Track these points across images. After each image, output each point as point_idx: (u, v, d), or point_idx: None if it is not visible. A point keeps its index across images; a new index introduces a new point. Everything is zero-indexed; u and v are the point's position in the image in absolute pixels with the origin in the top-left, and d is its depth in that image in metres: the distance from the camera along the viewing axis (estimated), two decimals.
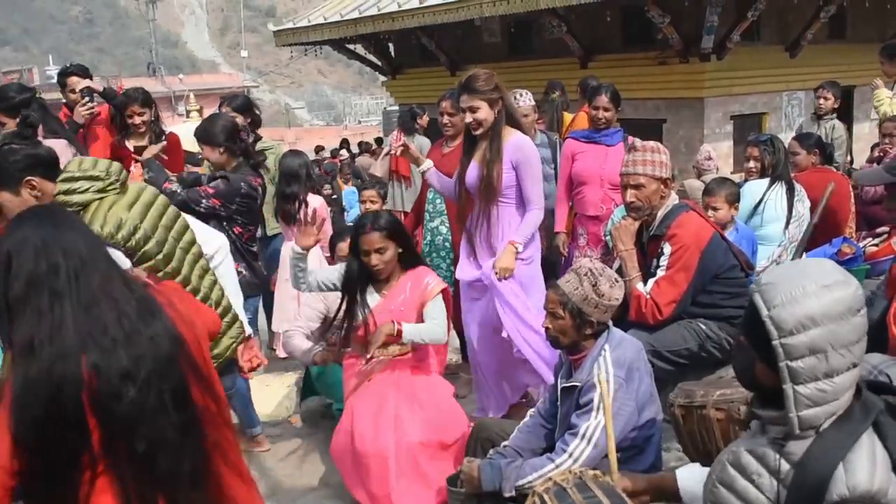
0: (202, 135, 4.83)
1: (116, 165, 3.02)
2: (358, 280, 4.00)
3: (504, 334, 4.45)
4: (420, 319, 4.02)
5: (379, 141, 18.60)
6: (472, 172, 4.47)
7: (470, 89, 4.32)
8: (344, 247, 4.61)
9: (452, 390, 4.19)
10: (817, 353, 1.91)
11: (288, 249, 4.68)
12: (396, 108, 19.28)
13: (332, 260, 5.45)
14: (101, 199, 2.80)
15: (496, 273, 4.38)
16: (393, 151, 5.07)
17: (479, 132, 4.42)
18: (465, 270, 4.63)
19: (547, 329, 3.16)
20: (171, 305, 2.08)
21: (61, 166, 2.90)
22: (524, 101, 5.97)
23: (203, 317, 2.30)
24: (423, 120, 9.38)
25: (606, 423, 2.82)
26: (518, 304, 4.42)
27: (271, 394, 5.22)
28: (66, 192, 2.77)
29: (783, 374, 1.93)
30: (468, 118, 4.38)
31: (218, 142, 4.78)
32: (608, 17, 12.47)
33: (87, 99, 5.89)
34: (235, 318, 3.60)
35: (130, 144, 5.93)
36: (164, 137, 5.90)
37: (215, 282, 3.48)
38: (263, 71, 73.97)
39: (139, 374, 1.90)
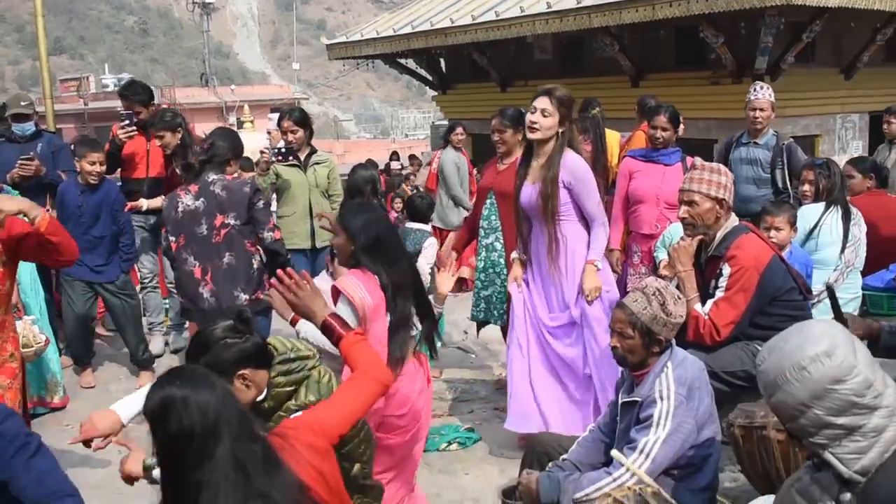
0: None
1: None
2: None
3: (586, 370, 4.48)
4: None
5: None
6: (528, 192, 4.53)
7: (552, 95, 4.42)
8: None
9: None
10: (825, 427, 1.94)
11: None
12: (445, 122, 19.44)
13: None
14: (311, 374, 2.97)
15: (586, 297, 4.42)
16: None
17: (535, 136, 4.45)
18: (548, 312, 4.62)
19: (614, 348, 3.22)
20: (289, 448, 2.30)
21: None
22: (764, 93, 6.12)
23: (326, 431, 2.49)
24: (456, 136, 9.63)
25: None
26: (603, 335, 4.40)
27: None
28: (286, 373, 2.92)
29: (812, 449, 1.96)
30: (535, 116, 4.40)
31: None
32: (661, 37, 12.47)
33: (126, 122, 6.26)
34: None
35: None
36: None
37: None
38: (313, 83, 74.75)
39: None
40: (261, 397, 2.89)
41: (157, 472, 2.74)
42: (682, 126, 6.06)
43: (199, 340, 2.85)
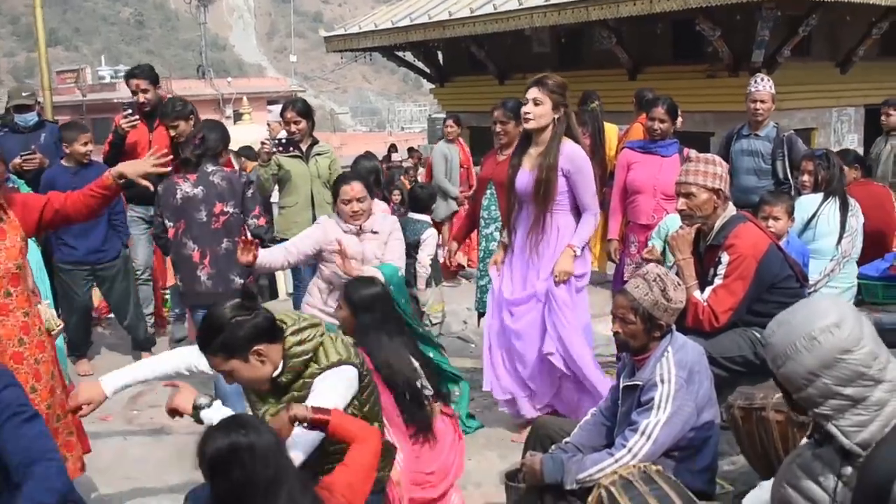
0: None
1: None
2: None
3: (549, 348, 4.59)
4: None
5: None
6: (524, 178, 4.60)
7: (541, 83, 4.50)
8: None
9: None
10: (832, 397, 2.01)
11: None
12: (442, 115, 19.49)
13: None
14: (323, 339, 3.03)
15: (555, 277, 4.50)
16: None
17: (530, 125, 4.53)
18: (513, 288, 4.74)
19: (616, 333, 3.29)
20: (334, 501, 2.45)
21: None
22: (764, 85, 6.17)
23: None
24: (447, 128, 9.83)
25: None
26: (570, 316, 4.55)
27: None
28: (300, 343, 2.97)
29: (818, 419, 2.04)
30: (528, 106, 4.50)
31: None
32: (658, 30, 12.53)
33: (128, 112, 6.26)
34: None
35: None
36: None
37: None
38: (309, 76, 74.65)
39: None
40: (277, 372, 2.96)
41: (205, 414, 2.91)
42: (680, 118, 6.13)
43: (210, 323, 2.91)
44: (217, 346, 2.88)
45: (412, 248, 6.17)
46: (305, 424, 2.70)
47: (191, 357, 3.35)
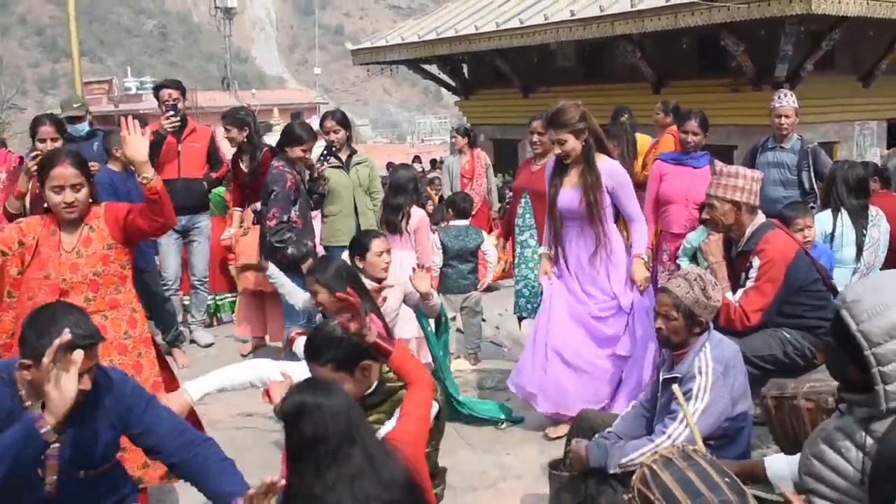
0: None
1: None
2: None
3: (622, 351, 4.86)
4: None
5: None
6: (568, 197, 4.85)
7: (556, 123, 4.76)
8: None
9: None
10: None
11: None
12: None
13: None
14: None
15: (639, 287, 4.83)
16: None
17: (568, 161, 4.83)
18: (597, 305, 4.93)
19: (659, 329, 3.53)
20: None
21: None
22: (787, 101, 6.40)
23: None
24: (452, 140, 10.26)
25: (688, 420, 3.19)
26: (647, 321, 4.78)
27: None
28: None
29: (875, 378, 2.26)
30: (557, 150, 4.80)
31: None
32: (683, 44, 12.74)
33: (171, 113, 6.50)
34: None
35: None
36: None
37: None
38: (330, 88, 75.19)
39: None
40: (370, 391, 3.15)
41: None
42: None
43: (322, 337, 3.08)
44: (328, 358, 3.02)
45: (469, 254, 6.44)
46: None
47: (265, 371, 3.58)
